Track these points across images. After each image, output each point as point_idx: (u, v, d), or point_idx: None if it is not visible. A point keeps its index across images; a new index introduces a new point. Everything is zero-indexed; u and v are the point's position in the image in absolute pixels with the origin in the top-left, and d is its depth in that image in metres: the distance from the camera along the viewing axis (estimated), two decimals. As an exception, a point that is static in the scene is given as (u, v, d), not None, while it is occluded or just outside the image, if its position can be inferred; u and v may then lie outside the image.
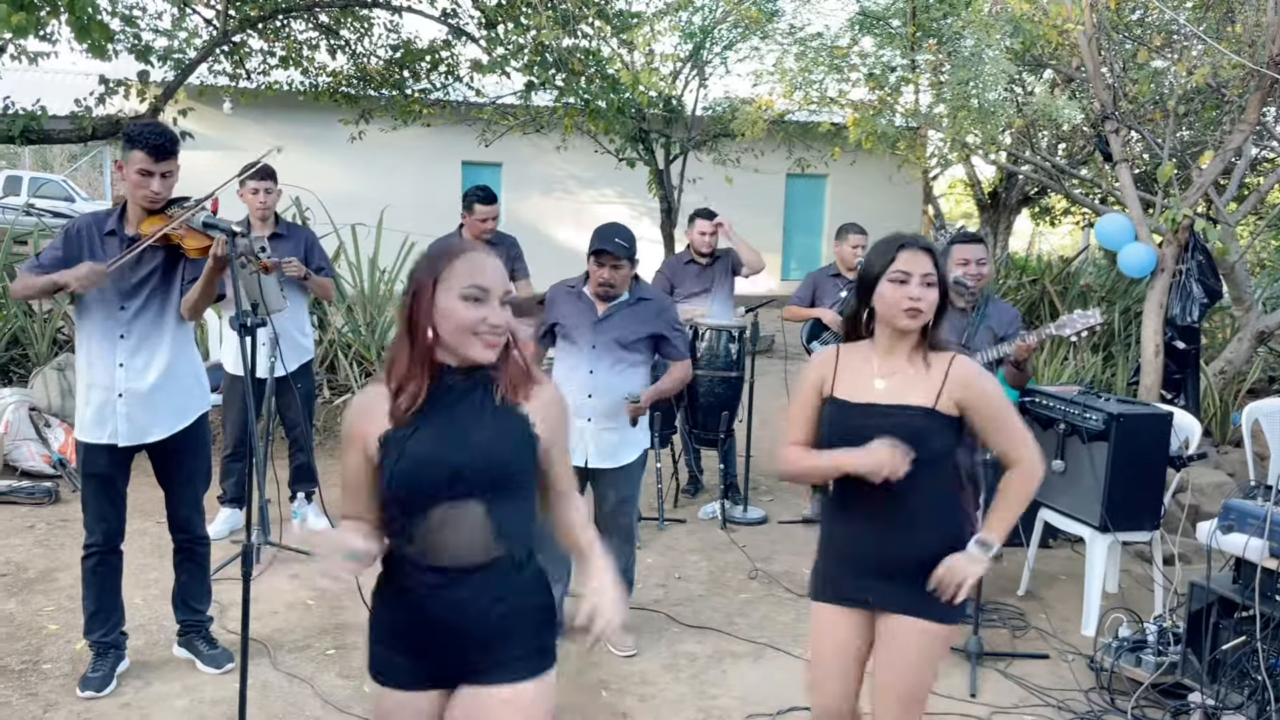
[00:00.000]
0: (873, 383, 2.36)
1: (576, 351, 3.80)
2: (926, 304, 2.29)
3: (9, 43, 7.24)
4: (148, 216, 3.22)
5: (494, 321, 1.85)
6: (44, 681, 3.42)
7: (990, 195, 14.00)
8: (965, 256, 4.15)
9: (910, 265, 2.28)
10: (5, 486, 5.26)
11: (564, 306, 3.84)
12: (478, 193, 5.09)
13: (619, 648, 3.88)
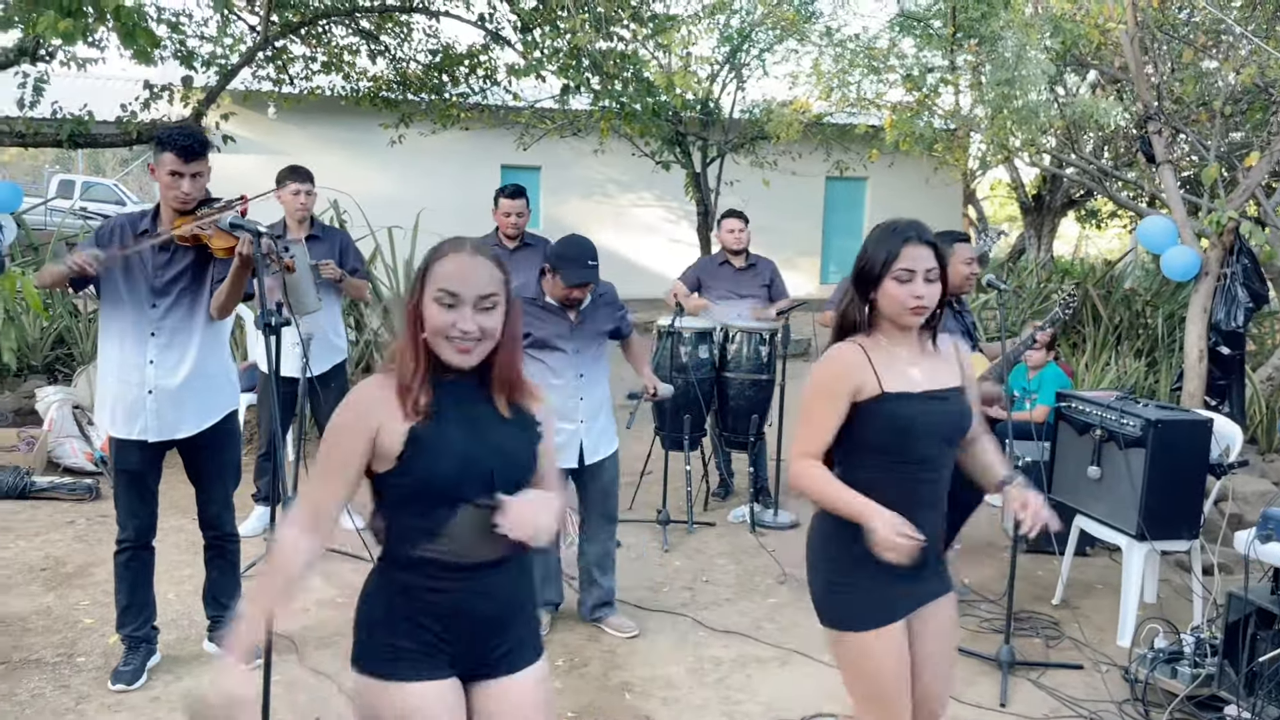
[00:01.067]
0: (910, 371, 2.29)
1: (561, 359, 3.84)
2: (930, 300, 2.24)
3: (58, 49, 7.42)
4: (179, 217, 3.27)
5: (464, 327, 1.82)
6: (77, 674, 3.49)
7: (1034, 198, 13.80)
8: (970, 257, 4.13)
9: (914, 262, 2.22)
10: (47, 482, 5.38)
11: (532, 320, 3.78)
12: (504, 188, 5.12)
13: (619, 629, 3.99)
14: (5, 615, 3.93)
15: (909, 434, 2.25)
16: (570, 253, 3.74)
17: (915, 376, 2.29)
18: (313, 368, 4.65)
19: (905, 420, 2.25)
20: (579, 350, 3.87)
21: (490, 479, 1.86)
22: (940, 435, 2.30)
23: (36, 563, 4.49)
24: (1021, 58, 6.54)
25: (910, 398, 2.27)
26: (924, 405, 2.27)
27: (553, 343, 3.82)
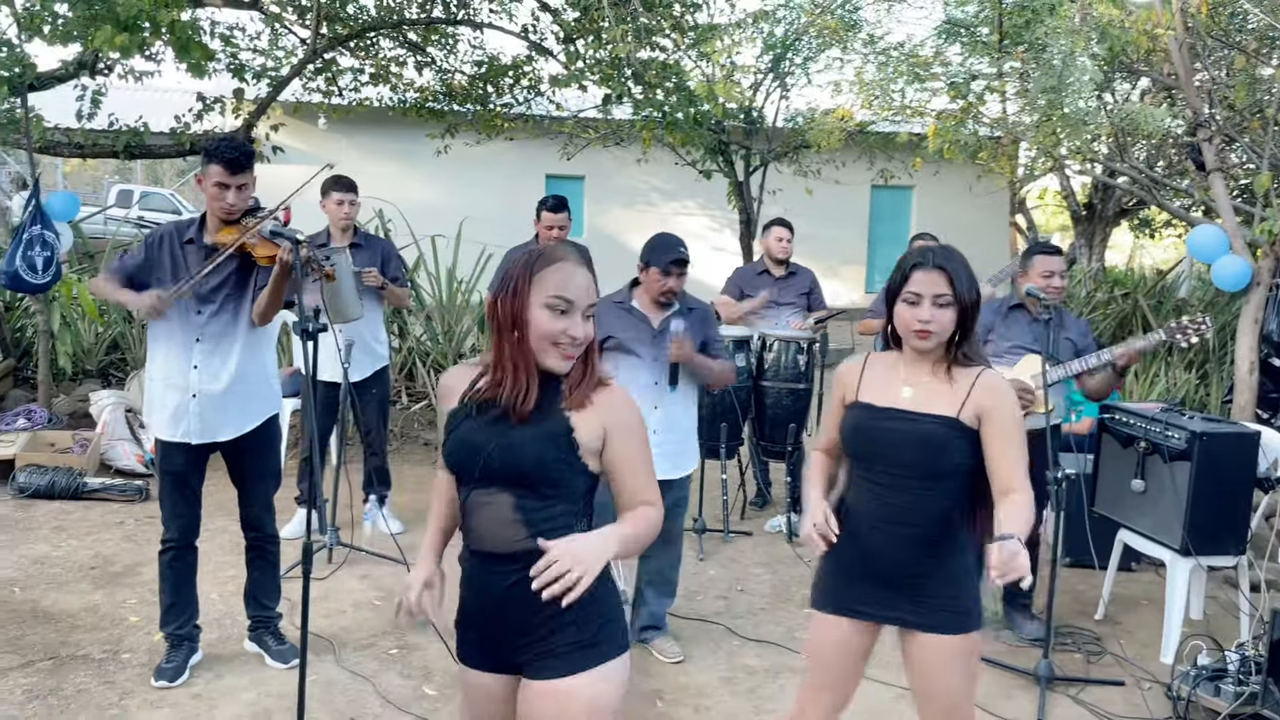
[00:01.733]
0: (900, 390, 2.35)
1: (639, 364, 3.76)
2: (938, 325, 2.25)
3: (115, 62, 7.64)
4: (225, 226, 3.36)
5: (574, 334, 1.88)
6: (122, 670, 3.58)
7: (1085, 207, 13.57)
8: (1050, 269, 4.05)
9: (922, 286, 2.25)
10: (99, 483, 5.52)
11: (614, 322, 3.77)
12: (546, 200, 5.17)
13: (664, 654, 3.90)
14: (55, 611, 4.05)
15: (863, 445, 2.36)
16: (659, 241, 3.78)
17: (903, 394, 2.32)
18: (354, 373, 4.73)
19: (860, 430, 2.36)
20: (658, 358, 3.78)
21: (484, 468, 1.90)
22: (900, 455, 2.29)
23: (86, 561, 4.61)
24: (1068, 64, 6.46)
25: (872, 410, 2.34)
26: (883, 421, 2.32)
27: (631, 346, 3.75)
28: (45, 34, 6.20)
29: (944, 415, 2.28)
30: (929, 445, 2.27)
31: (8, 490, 5.48)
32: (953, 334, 2.29)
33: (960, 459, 2.29)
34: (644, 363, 3.77)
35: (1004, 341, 4.15)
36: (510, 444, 1.91)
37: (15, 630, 3.86)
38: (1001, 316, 4.19)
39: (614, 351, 3.74)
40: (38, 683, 3.45)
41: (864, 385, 2.40)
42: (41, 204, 6.17)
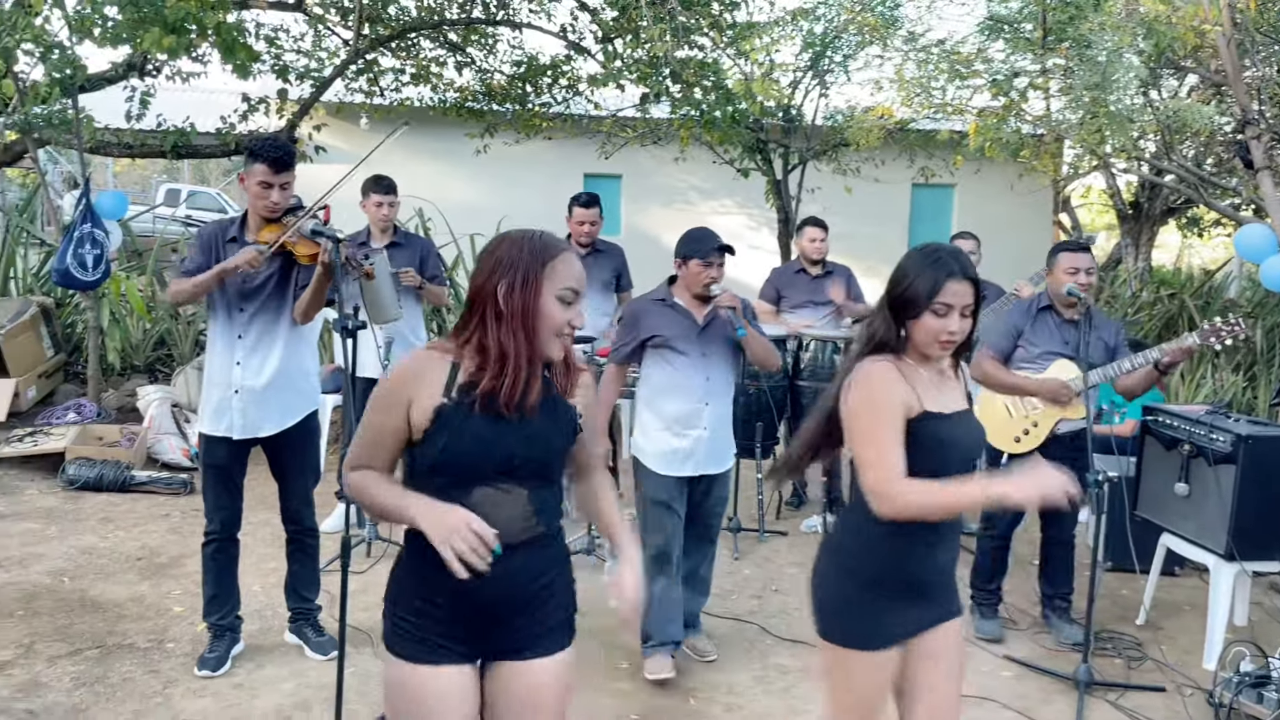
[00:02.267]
0: (938, 393, 2.29)
1: (686, 362, 3.72)
2: (961, 335, 2.24)
3: (163, 64, 7.79)
4: (266, 225, 3.42)
5: (576, 324, 1.92)
6: (166, 659, 3.66)
7: (1131, 205, 13.35)
8: (1075, 265, 4.00)
9: (954, 297, 2.20)
10: (146, 477, 5.64)
11: (657, 320, 3.74)
12: (578, 196, 5.20)
13: (697, 652, 3.89)
14: (103, 601, 4.15)
15: (944, 455, 2.24)
16: (696, 234, 3.75)
17: (941, 398, 2.29)
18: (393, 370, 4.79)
19: (943, 440, 2.24)
20: (705, 354, 3.73)
21: (510, 466, 1.89)
22: (968, 457, 2.30)
23: (133, 552, 4.72)
24: (1113, 61, 6.36)
25: (945, 418, 2.26)
26: (955, 426, 2.28)
27: (679, 344, 3.71)
28: (95, 36, 6.33)
29: (967, 409, 2.35)
30: (982, 439, 2.32)
31: (58, 482, 5.62)
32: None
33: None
34: (691, 360, 3.72)
35: (1034, 346, 4.09)
36: (532, 437, 1.91)
37: (64, 619, 3.96)
38: (1030, 319, 4.13)
39: (660, 350, 3.73)
40: (85, 670, 3.54)
41: (922, 394, 2.24)
42: (92, 203, 6.32)
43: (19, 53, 6.32)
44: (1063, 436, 4.09)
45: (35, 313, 6.80)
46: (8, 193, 11.09)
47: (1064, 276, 4.01)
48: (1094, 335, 3.99)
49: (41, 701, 3.31)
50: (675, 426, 3.71)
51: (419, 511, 1.86)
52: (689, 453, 3.71)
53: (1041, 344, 4.08)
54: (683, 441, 3.71)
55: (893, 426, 2.18)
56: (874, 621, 2.24)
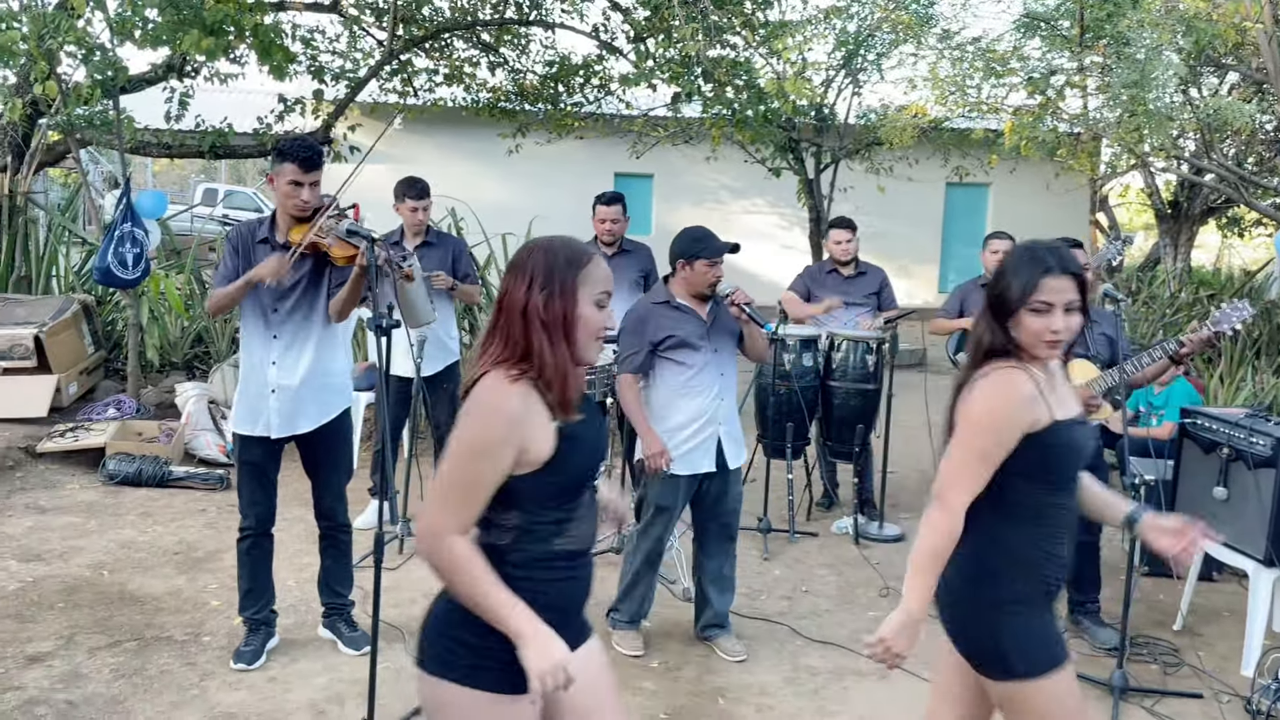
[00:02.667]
0: (1057, 398, 2.20)
1: (700, 359, 3.76)
2: (1068, 333, 2.14)
3: (202, 65, 7.90)
4: (296, 224, 3.46)
5: (610, 325, 1.95)
6: (203, 652, 3.71)
7: (1170, 205, 13.16)
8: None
9: (1053, 295, 2.10)
10: (183, 472, 5.73)
11: (666, 321, 3.76)
12: (601, 195, 5.21)
13: (727, 652, 3.90)
14: (141, 594, 4.22)
15: (1069, 461, 2.18)
16: (699, 234, 3.77)
17: (1064, 403, 2.21)
18: (426, 368, 4.84)
19: (1072, 447, 2.17)
20: (717, 350, 3.79)
21: (599, 460, 1.99)
22: (1084, 461, 2.24)
23: (171, 547, 4.79)
24: (1153, 58, 6.28)
25: (1072, 424, 2.20)
26: (1079, 431, 2.22)
27: (693, 342, 3.74)
28: (136, 38, 6.43)
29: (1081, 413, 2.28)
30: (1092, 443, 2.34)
31: (98, 477, 5.72)
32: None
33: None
34: (705, 357, 3.77)
35: None
36: (600, 439, 2.01)
37: (104, 611, 4.03)
38: None
39: (674, 350, 3.76)
40: (124, 662, 3.60)
41: (1051, 401, 2.17)
42: (132, 202, 6.42)
43: (62, 54, 6.43)
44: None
45: (77, 310, 6.92)
46: (49, 192, 11.29)
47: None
48: (1096, 330, 3.98)
49: (81, 692, 3.38)
50: (694, 424, 3.76)
51: (525, 630, 1.79)
52: (707, 450, 3.79)
53: None
54: (702, 438, 3.78)
55: (997, 448, 2.11)
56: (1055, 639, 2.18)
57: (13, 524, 4.98)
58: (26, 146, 7.71)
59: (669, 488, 3.79)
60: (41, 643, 3.72)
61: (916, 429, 7.48)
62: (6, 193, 7.54)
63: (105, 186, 16.10)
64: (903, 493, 6.04)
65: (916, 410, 6.96)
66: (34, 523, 5.01)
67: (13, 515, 5.11)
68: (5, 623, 3.88)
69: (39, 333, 6.46)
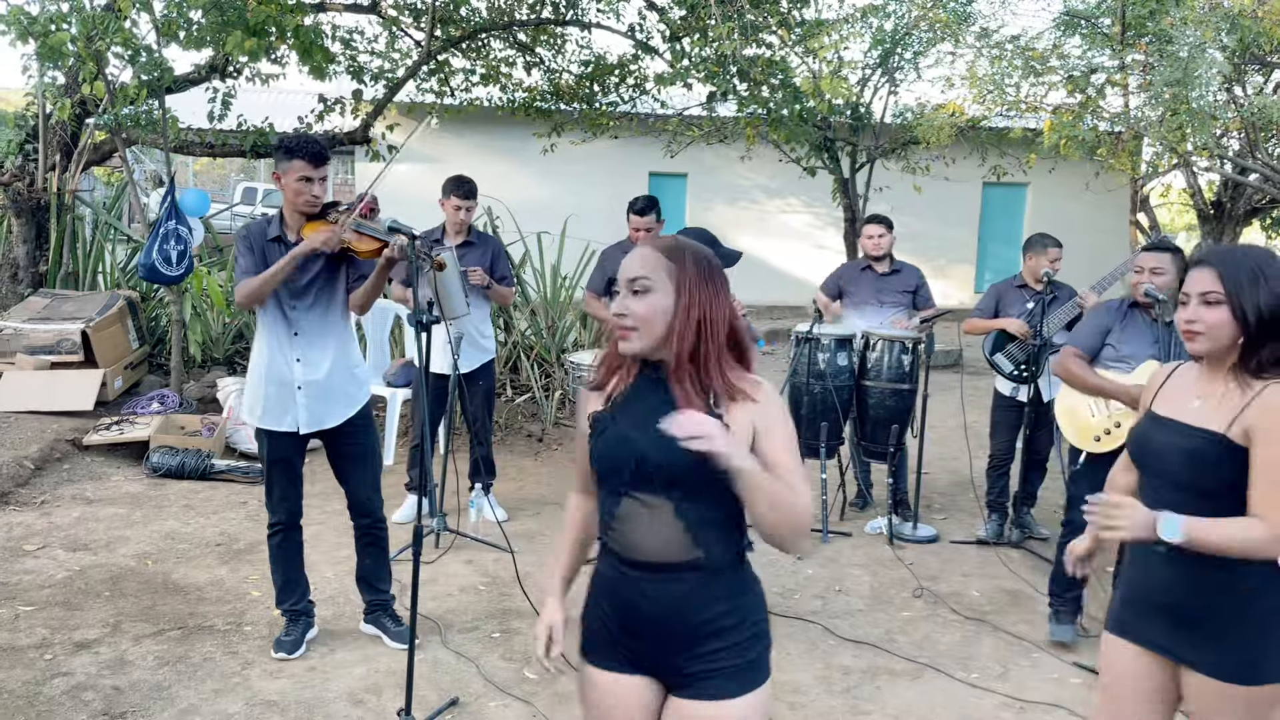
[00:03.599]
0: (1190, 401, 2.19)
1: None
2: (1205, 325, 2.10)
3: (244, 66, 8.03)
4: (307, 222, 3.48)
5: (616, 309, 1.84)
6: (244, 642, 3.79)
7: (1213, 205, 12.95)
8: (1141, 265, 3.94)
9: (1190, 285, 2.13)
10: (225, 465, 5.83)
11: None
12: (635, 202, 5.23)
13: None
14: (184, 585, 4.30)
15: (1144, 457, 2.22)
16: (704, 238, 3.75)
17: (1192, 405, 2.17)
18: (462, 366, 4.89)
19: (1141, 441, 2.23)
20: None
21: (637, 467, 1.82)
22: (1172, 470, 2.15)
23: (213, 538, 4.88)
24: (1196, 56, 6.19)
25: (1157, 420, 2.21)
26: (1160, 433, 2.20)
27: None
28: (181, 40, 6.56)
29: (1213, 431, 2.10)
30: (1194, 460, 2.11)
31: (142, 469, 5.84)
32: (1243, 340, 2.10)
33: (1230, 477, 2.08)
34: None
35: (1123, 346, 4.01)
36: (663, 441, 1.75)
37: (148, 600, 4.12)
38: (1120, 318, 4.06)
39: None
40: (168, 650, 3.68)
41: (1161, 395, 2.25)
42: (176, 201, 6.54)
43: (110, 55, 6.57)
44: None
45: (122, 306, 7.07)
46: (94, 190, 11.52)
47: (1133, 276, 3.96)
48: (1176, 337, 3.92)
49: (127, 679, 3.46)
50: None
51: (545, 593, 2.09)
52: None
53: (1130, 344, 4.00)
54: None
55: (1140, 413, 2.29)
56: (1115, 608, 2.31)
57: (61, 514, 5.10)
58: (74, 145, 7.88)
59: None
60: (89, 630, 3.81)
61: (951, 430, 7.44)
62: (55, 191, 7.71)
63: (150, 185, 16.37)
64: (936, 494, 6.01)
65: (951, 411, 6.93)
66: (81, 513, 5.13)
67: (60, 506, 5.23)
68: (54, 610, 3.98)
69: (86, 328, 6.61)
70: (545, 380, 7.40)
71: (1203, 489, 2.10)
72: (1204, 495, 2.09)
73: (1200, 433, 2.11)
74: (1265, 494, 2.02)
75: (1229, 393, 2.12)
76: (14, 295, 7.60)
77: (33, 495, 5.35)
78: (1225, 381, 2.13)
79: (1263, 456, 2.03)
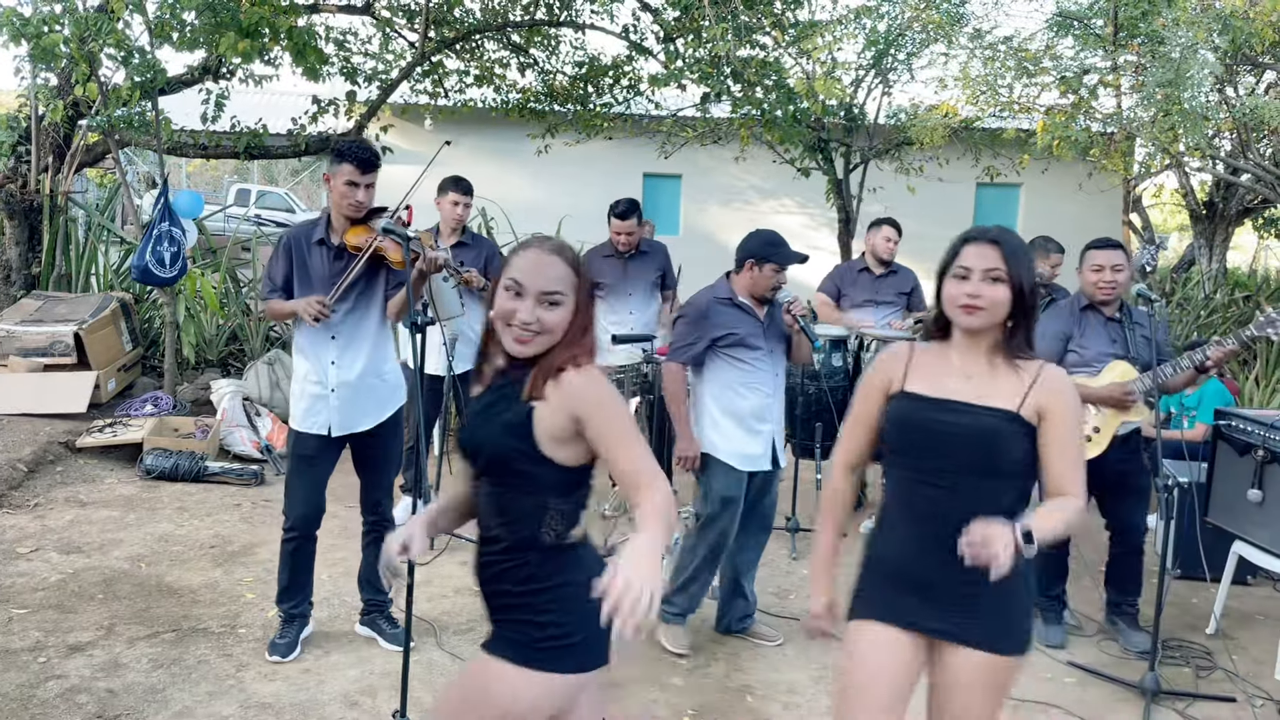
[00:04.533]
0: (953, 380, 2.16)
1: (760, 357, 3.82)
2: (988, 300, 2.08)
3: (237, 67, 8.01)
4: (351, 226, 3.53)
5: (523, 318, 1.90)
6: (239, 644, 3.78)
7: (1205, 205, 12.99)
8: (1097, 263, 3.95)
9: (972, 260, 2.10)
10: (219, 467, 5.82)
11: (728, 318, 3.80)
12: (615, 207, 5.22)
13: (768, 639, 3.99)
14: (179, 587, 4.29)
15: (913, 440, 2.15)
16: (773, 238, 3.82)
17: (951, 385, 2.15)
18: (457, 366, 4.89)
19: (907, 424, 2.17)
20: (772, 350, 3.87)
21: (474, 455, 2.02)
22: (955, 451, 2.11)
23: (207, 540, 4.87)
24: (1188, 57, 6.21)
25: (923, 401, 2.15)
26: (936, 413, 2.13)
27: (752, 341, 3.80)
28: (174, 41, 6.55)
29: (1004, 409, 2.10)
30: (988, 440, 2.09)
31: (136, 471, 5.82)
32: (1008, 319, 2.12)
33: (1020, 456, 2.10)
34: (762, 356, 3.83)
35: (1086, 349, 4.01)
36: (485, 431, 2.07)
37: (142, 603, 4.11)
38: (1076, 322, 4.05)
39: (733, 348, 3.79)
40: (162, 653, 3.67)
41: (911, 374, 2.20)
42: (169, 202, 6.53)
43: (103, 57, 6.55)
44: (1122, 438, 4.01)
45: (115, 308, 7.05)
46: (87, 192, 11.50)
47: (1089, 274, 3.97)
48: (1138, 332, 3.95)
49: (121, 681, 3.45)
50: (750, 422, 3.81)
51: None
52: (764, 447, 3.85)
53: (1093, 346, 4.00)
54: (757, 437, 3.83)
55: (865, 408, 2.28)
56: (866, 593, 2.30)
57: (54, 517, 5.08)
58: (67, 147, 7.85)
59: (733, 480, 3.81)
60: (82, 633, 3.80)
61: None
62: (48, 193, 7.69)
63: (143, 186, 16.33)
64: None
65: (946, 411, 6.92)
66: (74, 516, 5.11)
67: (54, 508, 5.21)
68: (47, 613, 3.97)
69: (79, 330, 6.59)
70: (540, 381, 7.40)
71: (991, 468, 2.11)
72: (990, 475, 2.11)
73: (989, 411, 2.11)
74: (1065, 472, 2.11)
75: (998, 370, 2.14)
76: (6, 297, 7.58)
77: (26, 498, 5.33)
78: (989, 360, 2.15)
79: (1058, 436, 2.10)
